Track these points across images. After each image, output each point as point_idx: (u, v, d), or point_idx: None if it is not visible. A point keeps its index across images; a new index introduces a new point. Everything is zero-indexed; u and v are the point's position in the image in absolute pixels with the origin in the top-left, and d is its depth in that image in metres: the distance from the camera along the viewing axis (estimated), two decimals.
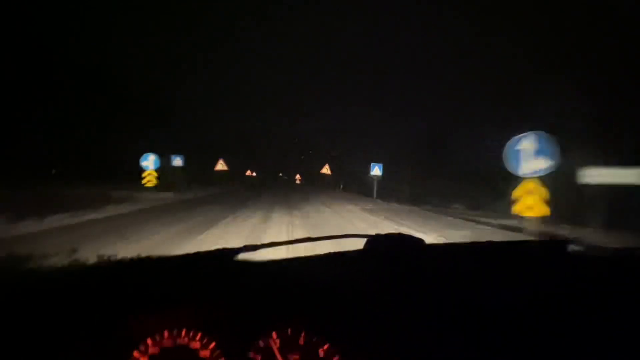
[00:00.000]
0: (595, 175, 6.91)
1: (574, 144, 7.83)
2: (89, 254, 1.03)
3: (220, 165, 21.74)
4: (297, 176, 47.78)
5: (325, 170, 29.20)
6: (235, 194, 19.16)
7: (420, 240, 1.06)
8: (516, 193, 6.26)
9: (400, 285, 0.87)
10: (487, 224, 9.22)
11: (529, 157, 6.07)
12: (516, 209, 6.25)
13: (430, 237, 6.54)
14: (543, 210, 5.94)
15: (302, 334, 0.79)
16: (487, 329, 0.77)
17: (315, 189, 31.58)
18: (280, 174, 71.39)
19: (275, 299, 0.84)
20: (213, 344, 0.80)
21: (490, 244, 1.10)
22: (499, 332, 0.77)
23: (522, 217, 6.49)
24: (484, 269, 0.97)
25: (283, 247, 1.14)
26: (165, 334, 0.81)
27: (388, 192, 18.86)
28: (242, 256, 1.02)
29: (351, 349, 0.77)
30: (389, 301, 0.82)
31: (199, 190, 18.63)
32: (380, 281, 0.88)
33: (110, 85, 13.87)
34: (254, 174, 55.77)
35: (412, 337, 0.76)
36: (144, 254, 1.01)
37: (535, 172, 6.06)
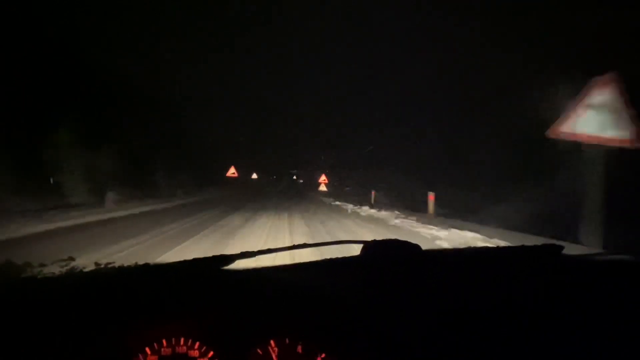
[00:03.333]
0: None
1: None
2: (86, 261, 1.03)
3: None
4: (322, 178, 25.85)
5: None
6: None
7: (417, 246, 1.06)
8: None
9: (398, 293, 0.87)
10: None
11: None
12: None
13: None
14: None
15: (300, 342, 0.79)
16: (485, 335, 0.77)
17: None
18: (295, 177, 52.16)
19: (273, 307, 0.83)
20: (211, 352, 0.80)
21: (485, 249, 1.10)
22: (495, 339, 0.77)
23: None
24: (480, 275, 0.97)
25: (280, 253, 1.14)
26: (164, 342, 0.81)
27: None
28: (239, 263, 1.02)
29: (349, 356, 0.76)
30: (386, 309, 0.81)
31: None
32: (378, 289, 0.88)
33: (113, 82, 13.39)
34: (255, 176, 39.15)
35: (410, 345, 0.76)
36: (141, 262, 1.01)
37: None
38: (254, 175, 38.89)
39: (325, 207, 14.50)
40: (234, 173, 24.29)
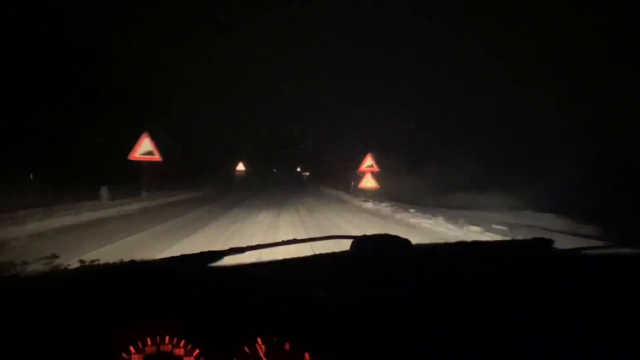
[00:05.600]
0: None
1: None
2: (70, 259, 1.01)
3: None
4: (369, 161, 13.13)
5: None
6: None
7: (407, 241, 1.07)
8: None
9: (386, 289, 0.87)
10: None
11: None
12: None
13: None
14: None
15: (288, 340, 0.79)
16: (475, 333, 0.78)
17: None
18: (299, 169, 44.84)
19: (260, 304, 0.83)
20: (197, 350, 0.80)
21: (476, 244, 1.11)
22: (486, 336, 0.77)
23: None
24: (471, 271, 0.98)
25: (271, 249, 1.14)
26: (149, 341, 0.80)
27: None
28: (227, 259, 1.01)
29: (336, 355, 0.77)
30: (374, 306, 0.82)
31: None
32: (366, 285, 0.88)
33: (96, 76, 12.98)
34: (241, 168, 26.92)
35: (397, 343, 0.77)
36: (126, 258, 1.00)
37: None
38: (240, 167, 26.92)
39: None
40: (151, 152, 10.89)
